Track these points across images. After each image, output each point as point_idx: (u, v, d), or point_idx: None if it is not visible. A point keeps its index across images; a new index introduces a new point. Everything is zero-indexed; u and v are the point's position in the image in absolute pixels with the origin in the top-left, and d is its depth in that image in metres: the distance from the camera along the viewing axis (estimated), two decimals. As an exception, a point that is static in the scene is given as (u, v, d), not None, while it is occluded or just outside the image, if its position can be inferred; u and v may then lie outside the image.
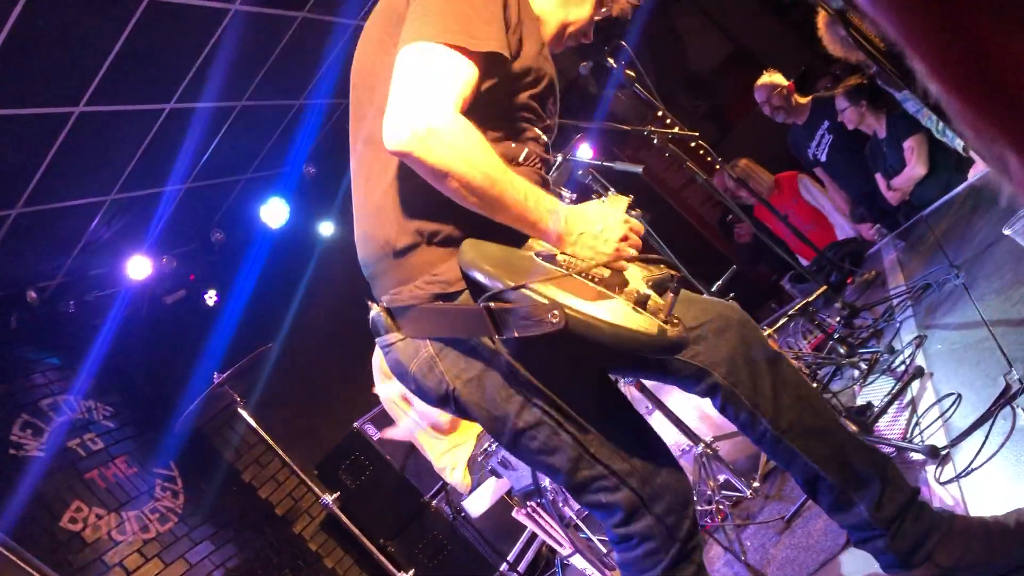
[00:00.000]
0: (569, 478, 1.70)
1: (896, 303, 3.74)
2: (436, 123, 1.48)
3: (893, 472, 1.78)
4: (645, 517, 1.68)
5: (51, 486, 4.48)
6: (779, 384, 1.74)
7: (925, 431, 2.43)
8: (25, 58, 3.54)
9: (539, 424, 1.65)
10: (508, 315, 1.47)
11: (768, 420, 1.71)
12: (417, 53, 1.55)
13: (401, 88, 1.53)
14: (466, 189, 1.52)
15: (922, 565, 1.70)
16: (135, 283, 5.42)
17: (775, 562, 2.68)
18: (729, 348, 1.71)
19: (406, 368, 1.72)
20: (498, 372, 1.64)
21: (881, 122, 4.99)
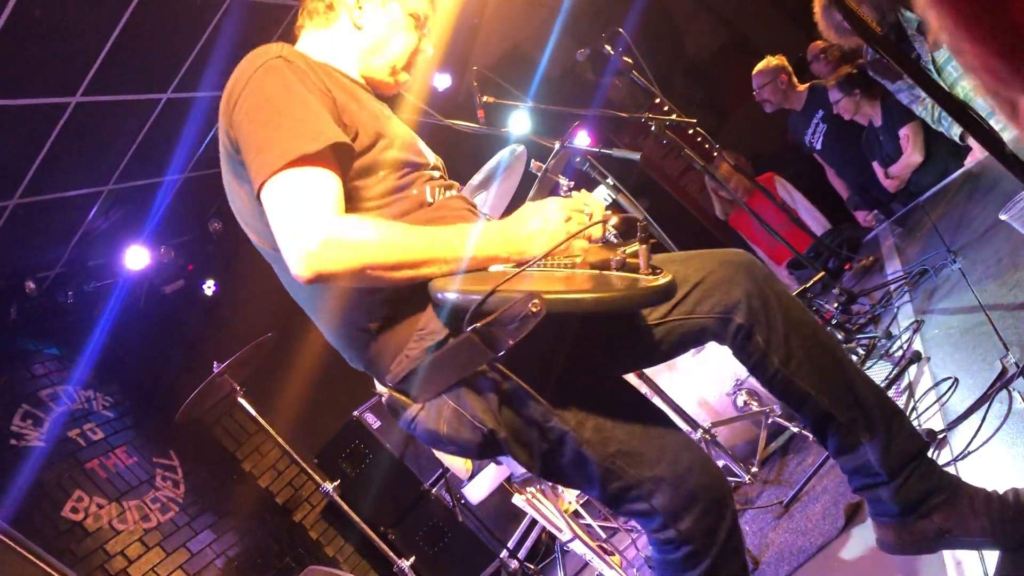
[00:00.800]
0: (602, 491, 1.69)
1: (893, 289, 3.76)
2: (321, 234, 1.48)
3: (905, 422, 1.75)
4: (683, 521, 1.66)
5: (52, 476, 4.50)
6: (790, 324, 1.71)
7: (922, 415, 2.45)
8: (21, 48, 3.54)
9: (562, 442, 1.64)
10: (494, 328, 1.44)
11: (779, 361, 1.69)
12: (273, 189, 1.54)
13: (278, 229, 1.53)
14: (388, 270, 1.53)
15: (921, 520, 1.68)
16: (133, 273, 5.42)
17: (773, 546, 2.70)
18: (742, 289, 1.68)
19: (438, 433, 1.71)
20: (514, 400, 1.64)
21: (876, 110, 4.99)
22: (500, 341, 1.45)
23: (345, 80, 1.86)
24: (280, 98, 1.61)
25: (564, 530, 3.32)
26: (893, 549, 1.73)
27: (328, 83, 1.70)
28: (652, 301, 1.48)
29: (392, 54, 1.98)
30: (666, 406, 3.27)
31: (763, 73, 5.55)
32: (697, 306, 1.67)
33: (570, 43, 7.14)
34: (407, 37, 2.00)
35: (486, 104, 3.74)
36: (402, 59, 2.01)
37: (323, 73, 1.72)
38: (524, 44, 7.81)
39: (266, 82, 1.64)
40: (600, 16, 7.01)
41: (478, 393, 1.65)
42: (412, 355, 1.68)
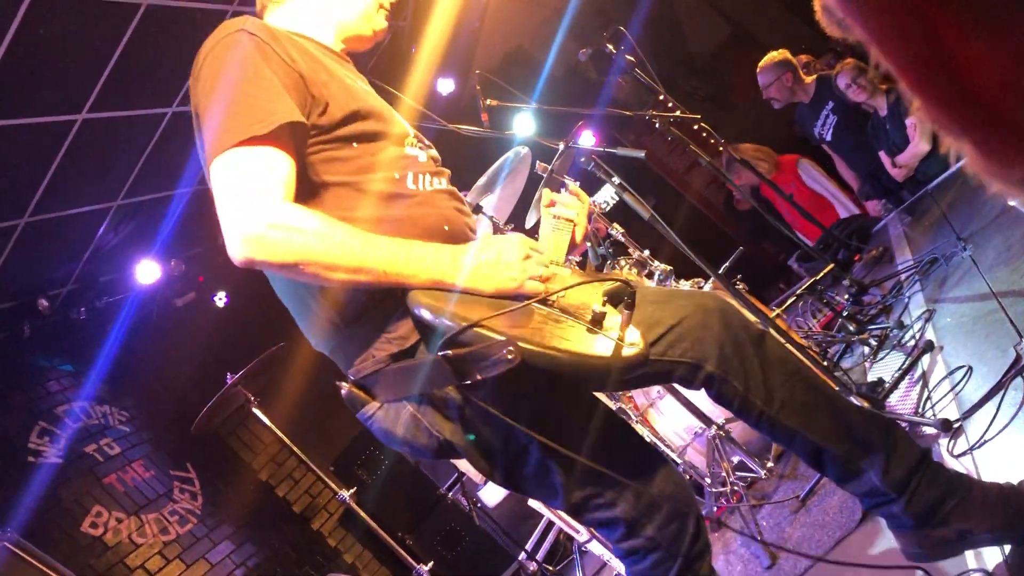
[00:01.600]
0: (565, 501, 1.70)
1: (904, 278, 3.74)
2: (261, 221, 1.46)
3: (899, 434, 1.75)
4: (647, 528, 1.68)
5: (70, 492, 4.52)
6: (767, 364, 1.71)
7: (937, 405, 2.44)
8: (26, 68, 3.56)
9: (525, 454, 1.65)
10: (466, 359, 1.43)
11: (761, 402, 1.69)
12: (220, 167, 1.52)
13: (220, 206, 1.50)
14: (322, 269, 1.50)
15: (939, 527, 1.68)
16: (145, 287, 5.45)
17: (791, 540, 2.69)
18: (714, 337, 1.67)
19: (394, 434, 1.71)
20: (476, 414, 1.63)
21: (882, 100, 4.98)
22: (468, 374, 1.44)
23: (316, 50, 1.82)
24: (236, 74, 1.58)
25: (581, 531, 3.32)
26: (919, 558, 1.73)
27: (294, 53, 1.67)
28: (626, 372, 1.49)
29: (362, 3, 1.95)
30: (679, 403, 3.27)
31: (767, 71, 5.53)
32: (669, 349, 1.66)
33: (572, 43, 7.14)
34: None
35: (490, 107, 3.75)
36: (372, 6, 1.96)
37: (289, 44, 1.69)
38: (526, 45, 7.82)
39: (225, 57, 1.62)
40: (601, 15, 7.01)
41: (440, 403, 1.65)
42: (378, 356, 1.68)
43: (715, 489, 3.26)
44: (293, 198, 1.54)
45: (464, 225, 1.84)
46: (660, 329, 1.66)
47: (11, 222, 4.31)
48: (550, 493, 1.72)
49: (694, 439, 3.40)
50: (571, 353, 1.43)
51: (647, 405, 3.58)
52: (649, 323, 1.66)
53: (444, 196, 1.83)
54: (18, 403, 4.75)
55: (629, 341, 1.48)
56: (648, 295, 1.74)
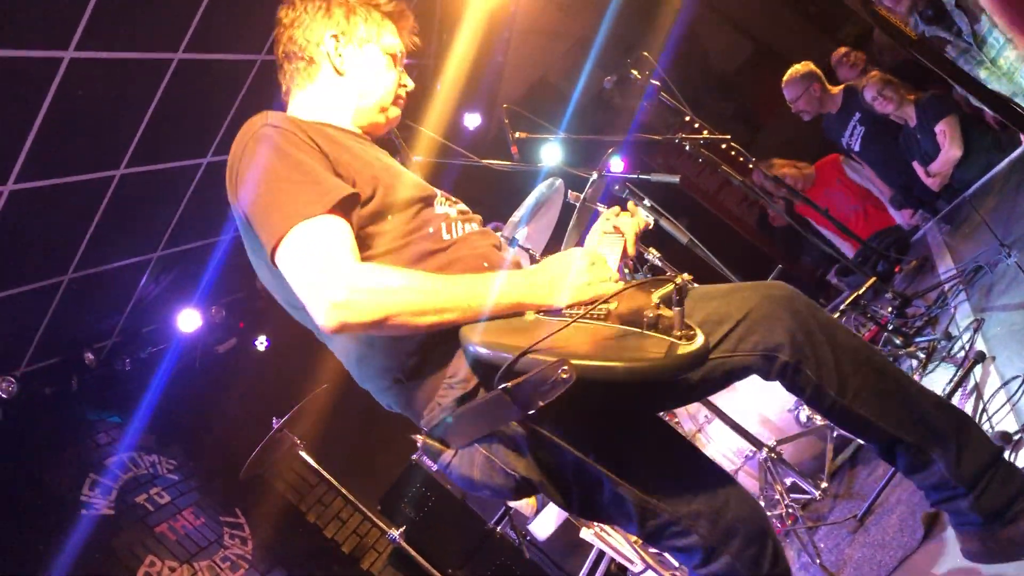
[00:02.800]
0: (640, 529, 1.68)
1: (948, 288, 3.69)
2: (344, 285, 1.49)
3: (973, 430, 1.72)
4: (724, 554, 1.65)
5: (123, 542, 4.55)
6: (839, 352, 1.68)
7: (993, 417, 2.39)
8: (65, 128, 3.64)
9: (597, 484, 1.64)
10: (525, 387, 1.43)
11: (835, 391, 1.66)
12: (287, 248, 1.56)
13: (299, 285, 1.54)
14: (411, 317, 1.53)
15: (1008, 526, 1.64)
16: (187, 336, 5.52)
17: (851, 562, 2.64)
18: (784, 326, 1.65)
19: (472, 479, 1.72)
20: (546, 447, 1.63)
21: (910, 110, 4.94)
22: (531, 402, 1.44)
23: (336, 133, 1.88)
24: (276, 165, 1.63)
25: (636, 561, 3.28)
26: (980, 558, 1.69)
27: (318, 140, 1.72)
28: (684, 371, 1.44)
29: (379, 94, 2.01)
30: (728, 427, 3.24)
31: (794, 83, 5.52)
32: (740, 343, 1.65)
33: (596, 71, 7.18)
34: (388, 75, 2.03)
35: (519, 140, 3.77)
36: (388, 97, 2.04)
37: (312, 131, 1.74)
38: (550, 76, 7.88)
39: (259, 152, 1.67)
40: (623, 41, 7.04)
41: (510, 441, 1.65)
42: (443, 403, 1.69)
43: (769, 512, 3.21)
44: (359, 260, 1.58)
45: (501, 260, 1.85)
46: (728, 324, 1.65)
47: (56, 279, 4.39)
48: (626, 521, 1.69)
49: (745, 462, 3.36)
50: (625, 360, 1.40)
51: (695, 431, 3.55)
52: (716, 319, 1.65)
53: (477, 236, 1.87)
54: (69, 456, 4.81)
55: (685, 338, 1.43)
56: (711, 292, 1.74)
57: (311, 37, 1.98)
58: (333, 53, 1.97)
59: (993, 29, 3.34)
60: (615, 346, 1.45)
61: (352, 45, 1.99)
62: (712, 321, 1.65)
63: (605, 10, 6.96)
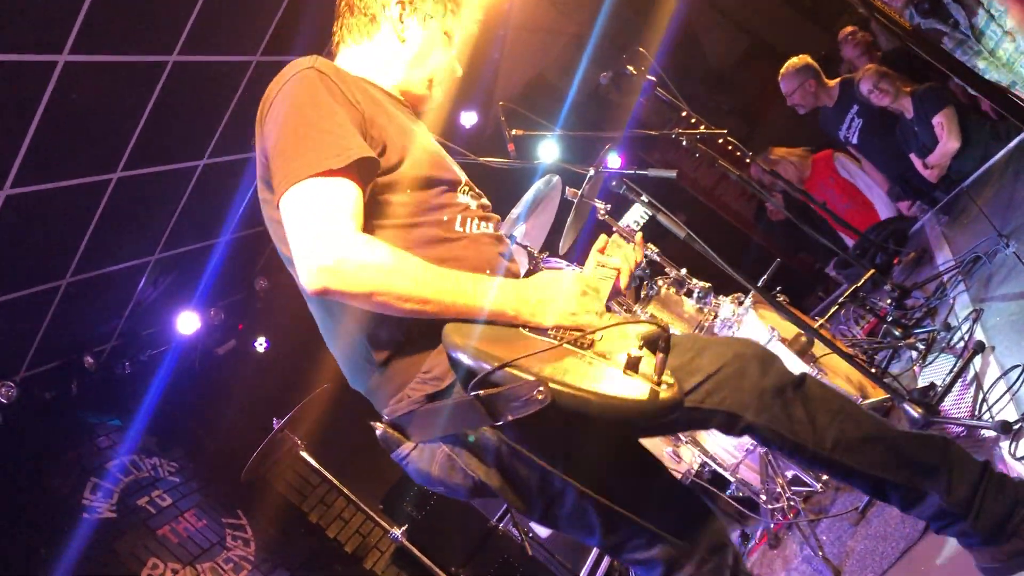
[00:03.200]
0: (603, 541, 1.71)
1: (947, 279, 3.69)
2: (338, 251, 1.48)
3: (956, 452, 1.73)
4: (685, 568, 1.68)
5: (126, 545, 4.55)
6: (812, 405, 1.69)
7: (994, 406, 2.39)
8: (61, 132, 3.64)
9: (562, 495, 1.65)
10: (498, 399, 1.45)
11: (812, 445, 1.68)
12: (294, 198, 1.54)
13: (294, 237, 1.53)
14: (396, 299, 1.53)
15: (1010, 540, 1.66)
16: (186, 338, 5.51)
17: (854, 554, 2.64)
18: (752, 385, 1.66)
19: (429, 474, 1.73)
20: (511, 456, 1.64)
21: (907, 102, 4.93)
22: (501, 414, 1.46)
23: (378, 93, 1.87)
24: (309, 109, 1.62)
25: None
26: (996, 573, 1.70)
27: (358, 95, 1.71)
28: (657, 417, 1.48)
29: (431, 67, 2.02)
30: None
31: (790, 77, 5.51)
32: (707, 397, 1.65)
33: (592, 68, 7.17)
34: (444, 52, 2.03)
35: (515, 137, 3.76)
36: (439, 72, 2.05)
37: (354, 86, 1.73)
38: (546, 73, 7.86)
39: (296, 93, 1.66)
40: (619, 37, 7.03)
41: (476, 445, 1.65)
42: (413, 397, 1.69)
43: (771, 505, 3.21)
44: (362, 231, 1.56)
45: (506, 271, 1.84)
46: (698, 377, 1.66)
47: (54, 283, 4.39)
48: (587, 533, 1.72)
49: (746, 456, 3.36)
50: (601, 395, 1.43)
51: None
52: (688, 370, 1.66)
53: (490, 240, 1.86)
54: (70, 460, 4.81)
55: (664, 385, 1.47)
56: (685, 342, 1.74)
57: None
58: (396, 19, 1.96)
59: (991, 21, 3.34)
60: (593, 378, 1.47)
61: (416, 16, 1.98)
62: (684, 371, 1.65)
63: (600, 6, 6.95)
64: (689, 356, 1.69)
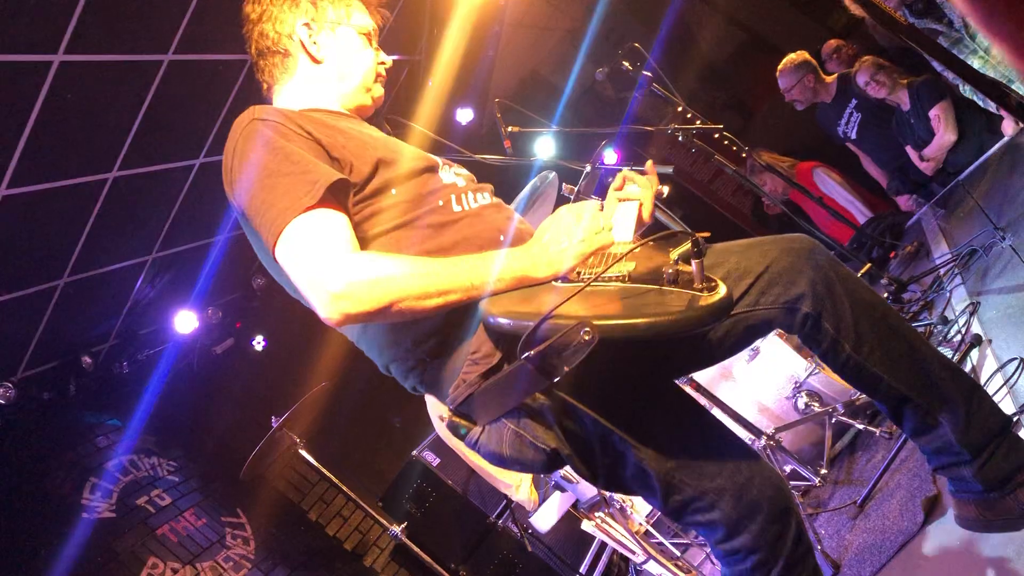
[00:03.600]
0: (664, 504, 1.68)
1: (943, 272, 3.69)
2: (343, 276, 1.49)
3: (983, 398, 1.72)
4: (747, 530, 1.63)
5: (125, 545, 4.55)
6: (857, 308, 1.68)
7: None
8: (56, 132, 3.63)
9: (623, 457, 1.64)
10: (549, 354, 1.43)
11: (851, 346, 1.67)
12: (285, 245, 1.56)
13: (300, 281, 1.55)
14: (413, 302, 1.54)
15: (1003, 499, 1.65)
16: (184, 337, 5.51)
17: (852, 548, 2.65)
18: (806, 278, 1.64)
19: (502, 454, 1.72)
20: (573, 419, 1.64)
21: (903, 94, 4.94)
22: (555, 368, 1.43)
23: (327, 117, 1.88)
24: (266, 161, 1.63)
25: (638, 552, 3.29)
26: (974, 526, 1.70)
27: (308, 127, 1.71)
28: (708, 322, 1.41)
29: (360, 74, 2.01)
30: (726, 416, 3.24)
31: (788, 73, 5.52)
32: (761, 297, 1.65)
33: (587, 64, 7.17)
34: (366, 54, 2.03)
35: (512, 134, 3.77)
36: (370, 76, 2.04)
37: (302, 120, 1.74)
38: (541, 69, 7.86)
39: (249, 150, 1.67)
40: (614, 32, 7.03)
41: (537, 414, 1.65)
42: (469, 379, 1.68)
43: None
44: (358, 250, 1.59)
45: (519, 232, 1.84)
46: (749, 279, 1.65)
47: (51, 283, 4.38)
48: (651, 494, 1.69)
49: (744, 451, 3.36)
50: (647, 317, 1.38)
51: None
52: (737, 274, 1.65)
53: (492, 209, 1.86)
54: (68, 460, 4.81)
55: (705, 291, 1.42)
56: (731, 248, 1.73)
57: (282, 29, 1.96)
58: (307, 42, 1.95)
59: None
60: (635, 304, 1.45)
61: (325, 30, 1.98)
62: (733, 276, 1.64)
63: (595, 2, 6.95)
64: (735, 259, 1.67)
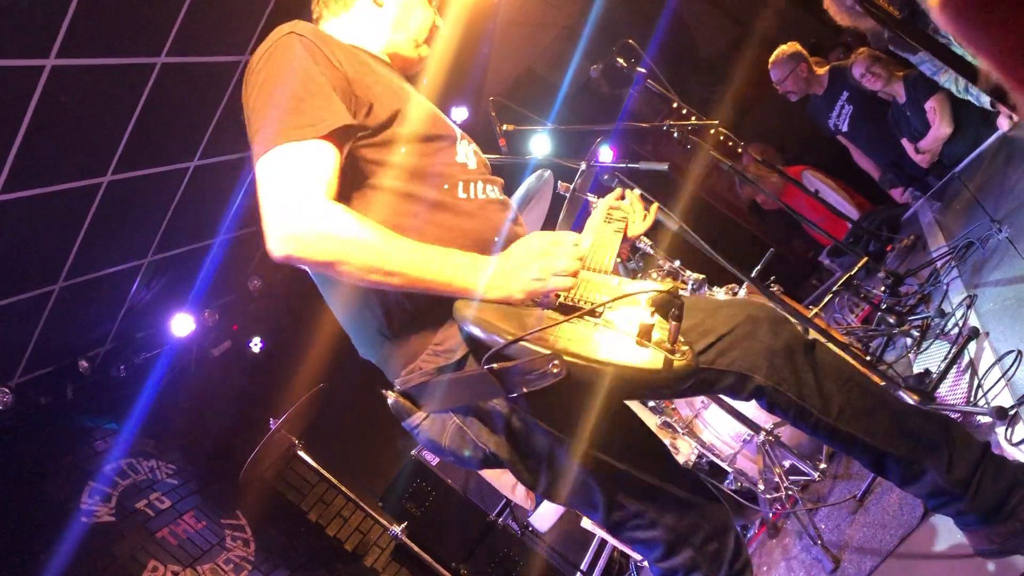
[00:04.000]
0: (605, 519, 1.71)
1: (940, 265, 3.69)
2: (303, 219, 1.47)
3: (958, 431, 1.74)
4: (686, 549, 1.68)
5: (125, 549, 4.54)
6: (821, 372, 1.70)
7: (989, 392, 2.39)
8: (50, 137, 3.62)
9: (567, 470, 1.66)
10: (511, 372, 1.44)
11: (819, 411, 1.68)
12: (265, 163, 1.54)
13: (264, 203, 1.52)
14: (361, 270, 1.50)
15: (1007, 521, 1.66)
16: (181, 340, 5.49)
17: (853, 542, 2.65)
18: (764, 347, 1.67)
19: (440, 444, 1.74)
20: (520, 428, 1.65)
21: (899, 87, 4.93)
22: (515, 386, 1.46)
23: (366, 57, 1.86)
24: (287, 75, 1.61)
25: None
26: (991, 554, 1.72)
27: (341, 57, 1.69)
28: (673, 384, 1.50)
29: (414, 28, 2.02)
30: (724, 411, 3.24)
31: (780, 64, 5.51)
32: (719, 358, 1.66)
33: (582, 60, 7.16)
34: (424, 11, 2.03)
35: (507, 132, 3.76)
36: (423, 32, 2.04)
37: (338, 48, 1.72)
38: (536, 67, 7.85)
39: (277, 60, 1.65)
40: (608, 29, 7.02)
41: (486, 416, 1.66)
42: (425, 368, 1.69)
43: (769, 495, 3.22)
44: (335, 198, 1.55)
45: (516, 236, 1.82)
46: (711, 338, 1.66)
47: (47, 288, 4.37)
48: (591, 509, 1.73)
49: (743, 446, 3.37)
50: (617, 365, 1.42)
51: (692, 416, 3.55)
52: (700, 331, 1.67)
53: (495, 207, 1.85)
54: (67, 465, 4.79)
55: (678, 353, 1.47)
56: (699, 304, 1.74)
57: None
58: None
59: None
60: (607, 348, 1.46)
61: None
62: (697, 332, 1.66)
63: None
64: (701, 317, 1.69)
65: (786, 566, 2.99)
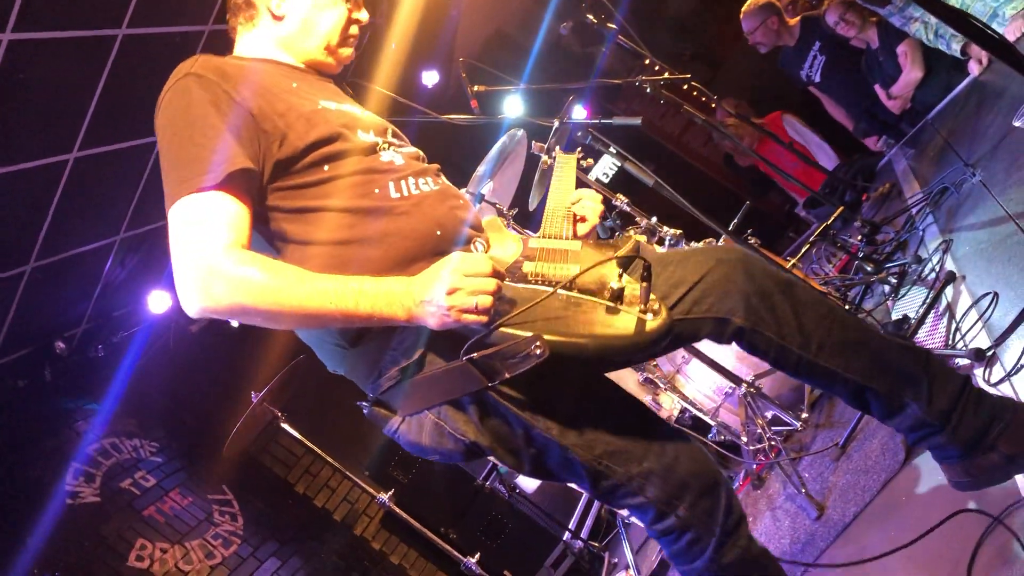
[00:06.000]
0: (593, 489, 1.71)
1: (916, 212, 3.70)
2: (204, 268, 1.46)
3: (937, 364, 1.74)
4: (678, 509, 1.68)
5: (112, 529, 4.54)
6: (799, 308, 1.69)
7: (967, 335, 2.41)
8: (11, 113, 3.54)
9: (547, 446, 1.65)
10: (493, 359, 1.45)
11: (798, 347, 1.68)
12: (171, 218, 1.53)
13: (173, 259, 1.51)
14: (267, 317, 1.50)
15: (986, 453, 1.66)
16: (158, 317, 5.44)
17: (836, 489, 2.67)
18: (739, 289, 1.66)
19: (421, 444, 1.72)
20: (494, 412, 1.64)
21: (873, 32, 4.91)
22: (497, 373, 1.47)
23: (277, 73, 1.84)
24: (181, 123, 1.60)
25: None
26: (968, 487, 1.72)
27: (245, 91, 1.66)
28: (652, 346, 1.50)
29: (323, 32, 1.96)
30: (705, 365, 3.25)
31: (751, 15, 5.47)
32: (694, 307, 1.66)
33: (552, 19, 7.08)
34: (332, 12, 1.96)
35: (478, 94, 3.72)
36: (334, 34, 1.98)
37: (245, 78, 1.69)
38: (506, 27, 7.76)
39: (174, 106, 1.64)
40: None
41: (459, 407, 1.65)
42: (389, 373, 1.68)
43: (752, 446, 3.24)
44: (246, 241, 1.54)
45: (459, 223, 1.81)
46: (683, 288, 1.66)
47: (18, 269, 4.31)
48: (579, 480, 1.72)
49: (725, 399, 3.38)
50: (596, 337, 1.44)
51: (674, 372, 3.56)
52: (671, 283, 1.66)
53: (433, 198, 1.80)
54: (49, 448, 4.76)
55: (650, 314, 1.47)
56: (668, 256, 1.74)
57: None
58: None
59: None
60: (584, 321, 1.47)
61: None
62: (668, 285, 1.66)
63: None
64: (672, 268, 1.69)
65: (771, 516, 3.02)
